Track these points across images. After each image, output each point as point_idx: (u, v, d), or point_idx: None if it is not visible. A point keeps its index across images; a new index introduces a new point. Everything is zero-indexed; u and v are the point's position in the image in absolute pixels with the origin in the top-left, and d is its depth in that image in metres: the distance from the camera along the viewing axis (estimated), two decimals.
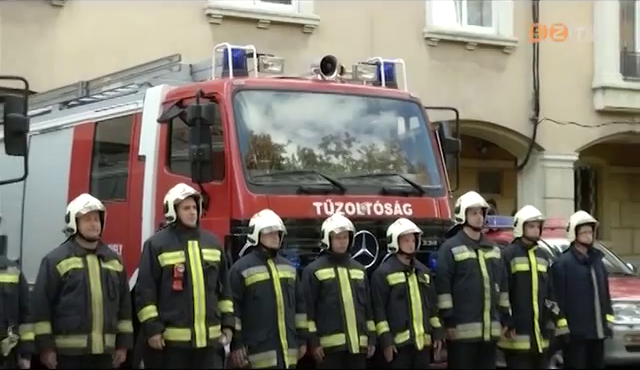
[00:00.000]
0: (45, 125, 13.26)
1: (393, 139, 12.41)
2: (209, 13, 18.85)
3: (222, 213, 10.65)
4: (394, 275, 10.58)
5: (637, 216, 25.87)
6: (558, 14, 22.16)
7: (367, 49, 15.18)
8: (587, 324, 11.60)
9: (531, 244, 11.52)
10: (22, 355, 8.46)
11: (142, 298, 9.32)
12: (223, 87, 11.11)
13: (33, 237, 11.83)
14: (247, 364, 9.77)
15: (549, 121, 22.26)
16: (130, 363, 10.13)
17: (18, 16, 17.37)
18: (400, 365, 10.59)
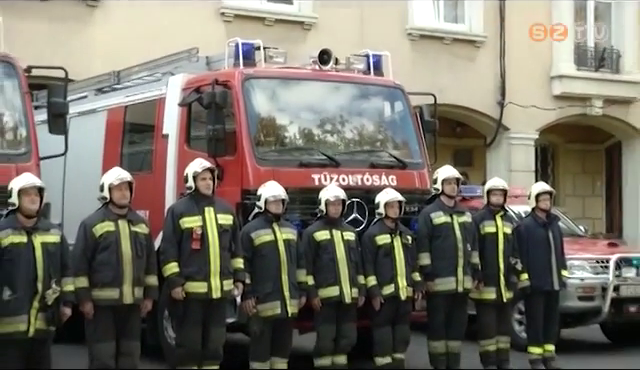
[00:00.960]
0: (82, 108, 13.24)
1: (380, 120, 12.38)
2: (223, 12, 18.80)
3: (234, 184, 10.67)
4: (381, 237, 10.57)
5: (588, 186, 25.89)
6: (522, 13, 22.15)
7: (358, 43, 15.11)
8: (545, 278, 11.59)
9: (498, 210, 11.50)
10: (64, 304, 8.41)
11: (166, 256, 9.37)
12: (235, 76, 11.10)
13: (72, 204, 11.82)
14: (255, 312, 9.78)
15: (513, 105, 22.23)
16: (155, 312, 10.12)
17: (59, 15, 17.34)
18: (386, 313, 10.60)
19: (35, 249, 8.22)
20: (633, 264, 13.65)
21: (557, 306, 11.93)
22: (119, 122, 13.01)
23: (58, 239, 8.47)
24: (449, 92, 18.36)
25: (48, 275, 8.23)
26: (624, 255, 13.87)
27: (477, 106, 22.09)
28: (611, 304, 13.16)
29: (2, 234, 8.16)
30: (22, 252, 8.17)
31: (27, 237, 8.22)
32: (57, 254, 8.38)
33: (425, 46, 21.19)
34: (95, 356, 8.85)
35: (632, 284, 13.46)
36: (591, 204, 25.71)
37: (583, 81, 23.40)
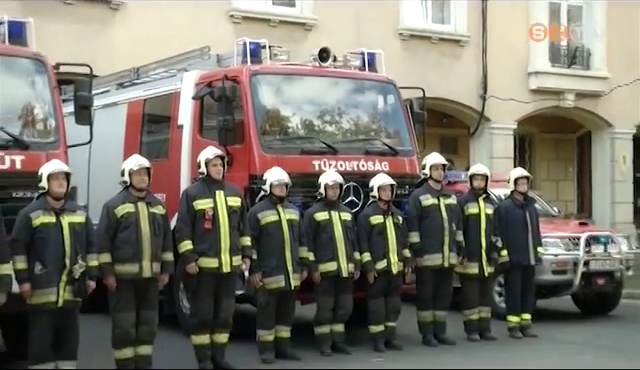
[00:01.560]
0: (105, 101, 13.22)
1: (374, 112, 12.35)
2: (232, 14, 18.77)
3: (242, 169, 10.67)
4: (375, 217, 10.57)
5: (561, 172, 25.90)
6: (502, 15, 22.13)
7: (354, 42, 15.09)
8: (522, 254, 11.63)
9: (480, 193, 11.53)
10: (89, 278, 8.44)
11: (181, 235, 9.36)
12: (243, 72, 11.11)
13: (96, 188, 11.81)
14: (262, 285, 9.82)
15: (494, 98, 22.21)
16: (172, 285, 10.12)
17: (84, 17, 17.31)
18: (379, 286, 10.61)
19: (63, 228, 8.26)
20: (601, 241, 13.66)
21: (533, 279, 11.99)
22: (138, 114, 13.04)
23: (84, 219, 8.53)
24: (436, 86, 18.35)
25: (75, 252, 8.29)
26: (593, 233, 13.86)
27: (461, 99, 22.06)
28: (581, 277, 13.18)
29: (34, 215, 8.22)
30: (51, 231, 8.22)
31: (56, 217, 8.26)
32: (83, 233, 8.43)
33: (414, 45, 21.14)
34: (117, 324, 8.86)
35: (600, 259, 13.48)
36: (564, 188, 25.74)
37: (557, 77, 23.39)
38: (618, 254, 13.76)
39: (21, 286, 8.14)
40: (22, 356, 8.65)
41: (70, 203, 8.54)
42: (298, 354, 10.07)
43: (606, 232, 14.71)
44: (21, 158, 9.06)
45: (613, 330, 12.73)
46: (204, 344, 9.49)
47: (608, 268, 13.64)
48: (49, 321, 8.28)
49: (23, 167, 8.98)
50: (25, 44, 9.78)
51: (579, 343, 11.49)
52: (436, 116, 20.11)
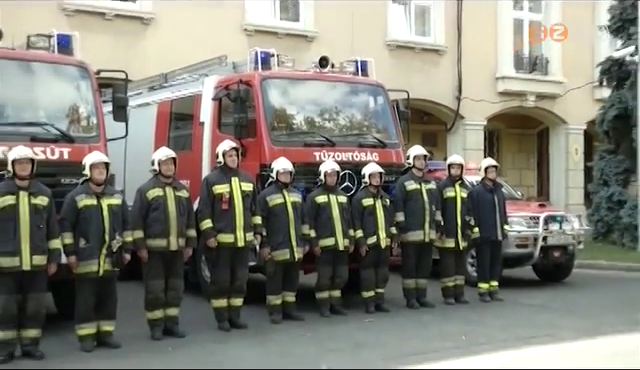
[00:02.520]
0: (138, 102, 13.19)
1: (366, 111, 12.28)
2: (245, 28, 18.76)
3: (254, 159, 10.64)
4: (366, 199, 10.55)
5: (523, 161, 25.90)
6: (473, 28, 22.08)
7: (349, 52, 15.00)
8: (491, 231, 11.63)
9: (456, 179, 11.50)
10: (125, 251, 8.47)
11: (202, 215, 9.39)
12: (255, 77, 11.08)
13: (131, 175, 11.80)
14: (270, 257, 9.83)
15: (467, 99, 22.21)
16: (195, 257, 10.13)
17: (121, 30, 17.32)
18: (370, 258, 10.61)
19: (103, 209, 8.31)
20: (557, 220, 13.67)
21: (500, 252, 11.98)
22: (166, 113, 13.03)
23: (120, 201, 8.58)
24: (418, 89, 18.29)
25: (113, 229, 8.36)
26: (550, 213, 13.85)
27: (440, 100, 22.02)
28: (540, 250, 13.21)
29: (78, 198, 8.29)
30: (93, 212, 8.27)
31: (97, 200, 8.31)
32: (119, 213, 8.49)
33: (400, 54, 21.09)
34: (149, 290, 8.90)
35: (556, 235, 13.47)
36: (526, 175, 25.73)
37: (520, 81, 23.37)
38: (571, 231, 13.75)
39: (68, 258, 8.25)
40: (70, 317, 8.65)
41: (109, 188, 8.58)
42: (302, 315, 10.07)
43: (561, 212, 14.70)
44: (68, 150, 9.07)
45: (566, 294, 12.74)
46: (222, 307, 9.51)
47: (563, 242, 13.64)
48: (92, 288, 8.37)
49: (70, 158, 8.99)
50: (71, 53, 9.77)
51: (538, 305, 11.49)
52: (418, 114, 20.06)
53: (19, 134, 8.82)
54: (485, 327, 9.70)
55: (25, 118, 9.18)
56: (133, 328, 8.95)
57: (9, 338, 7.88)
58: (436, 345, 8.56)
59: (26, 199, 7.89)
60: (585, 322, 10.05)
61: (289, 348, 8.47)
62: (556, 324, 9.90)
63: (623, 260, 16.75)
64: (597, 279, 14.69)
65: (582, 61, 23.70)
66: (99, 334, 8.46)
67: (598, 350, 8.42)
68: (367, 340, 8.83)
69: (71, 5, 16.78)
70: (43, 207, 7.99)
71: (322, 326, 9.74)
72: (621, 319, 10.21)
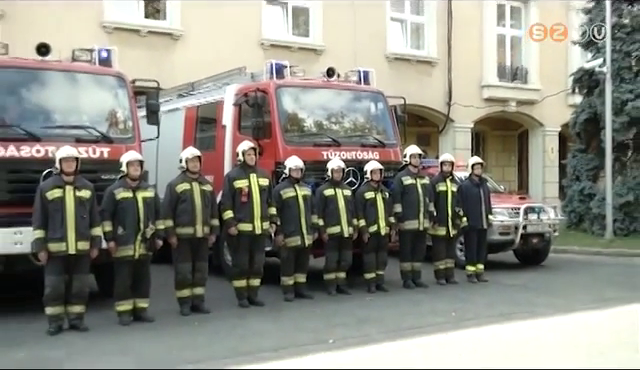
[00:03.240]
0: (168, 108, 13.16)
1: (368, 115, 12.23)
2: (262, 43, 18.74)
3: (270, 157, 10.64)
4: (368, 193, 10.53)
5: (506, 159, 25.84)
6: (462, 42, 22.04)
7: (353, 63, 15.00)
8: (477, 220, 11.60)
9: (447, 175, 11.47)
10: (157, 238, 8.53)
11: (224, 206, 9.42)
12: (270, 85, 11.07)
13: (162, 171, 11.78)
14: (284, 243, 9.84)
15: (457, 105, 22.18)
16: (218, 243, 10.13)
17: (153, 45, 17.35)
18: (371, 244, 10.60)
19: (138, 201, 8.35)
20: (535, 211, 13.63)
21: (485, 239, 11.95)
22: (193, 117, 13.01)
23: (153, 194, 8.62)
24: (414, 96, 18.22)
25: (146, 218, 8.39)
26: (529, 205, 13.81)
27: (433, 105, 21.96)
28: (520, 237, 13.20)
29: (116, 191, 8.34)
30: (129, 203, 8.31)
31: (132, 193, 8.35)
32: (152, 205, 8.53)
33: (398, 65, 21.03)
34: (179, 272, 8.94)
35: (534, 224, 13.46)
36: (508, 171, 25.68)
37: (503, 89, 23.30)
38: (548, 220, 13.73)
39: (108, 244, 8.29)
40: (110, 295, 8.69)
41: (143, 183, 8.61)
42: (311, 294, 10.07)
43: (539, 204, 14.65)
44: (107, 149, 9.09)
45: (543, 276, 12.71)
46: (242, 287, 9.52)
47: (540, 230, 13.64)
48: (128, 269, 8.40)
49: (109, 156, 9.00)
50: (110, 65, 9.79)
51: (518, 285, 11.47)
52: (414, 118, 20.06)
53: (65, 136, 8.85)
54: (472, 304, 9.70)
55: (71, 122, 9.19)
56: (165, 305, 8.97)
57: (58, 313, 7.94)
58: (429, 320, 8.56)
59: (71, 192, 7.93)
60: (560, 300, 10.04)
61: (301, 323, 8.48)
62: (534, 302, 9.89)
63: (593, 246, 16.71)
64: (570, 262, 14.66)
65: (557, 71, 23.68)
66: (135, 310, 8.50)
67: (571, 324, 8.41)
68: (369, 316, 8.84)
69: (110, 23, 16.79)
70: (86, 199, 8.03)
71: (329, 304, 9.75)
72: (591, 297, 10.21)
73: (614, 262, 14.87)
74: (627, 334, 7.68)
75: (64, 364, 6.66)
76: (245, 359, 6.71)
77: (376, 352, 7.01)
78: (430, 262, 11.48)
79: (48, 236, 7.82)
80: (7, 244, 8.33)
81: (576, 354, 6.86)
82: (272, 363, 6.60)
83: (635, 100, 18.00)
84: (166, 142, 11.65)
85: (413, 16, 22.08)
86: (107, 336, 7.78)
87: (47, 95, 9.28)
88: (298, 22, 20.07)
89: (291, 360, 6.69)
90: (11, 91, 9.07)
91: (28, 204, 8.00)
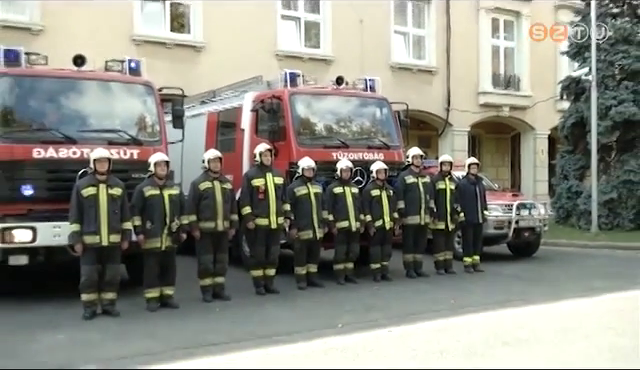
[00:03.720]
0: (192, 113, 13.17)
1: (373, 119, 12.17)
2: (277, 54, 18.75)
3: (284, 158, 10.62)
4: (374, 190, 10.51)
5: (499, 160, 25.74)
6: (459, 53, 22.02)
7: (360, 72, 15.01)
8: (473, 215, 11.57)
9: (446, 174, 11.43)
10: (182, 231, 8.57)
11: (243, 202, 9.44)
12: (284, 93, 11.07)
13: (187, 171, 11.76)
14: (297, 236, 9.83)
15: (455, 110, 22.15)
16: (237, 236, 10.09)
17: (178, 56, 17.41)
18: (377, 237, 10.58)
19: (164, 198, 8.38)
20: (526, 207, 13.58)
21: (481, 233, 11.92)
22: (215, 121, 13.00)
23: (178, 192, 8.65)
24: (415, 102, 18.18)
25: (172, 213, 8.43)
26: (521, 201, 13.75)
27: (433, 110, 21.91)
28: (513, 231, 13.16)
29: (145, 189, 8.38)
30: (157, 200, 8.34)
31: (159, 191, 8.38)
32: (177, 201, 8.56)
33: (401, 73, 20.99)
34: (201, 262, 8.95)
35: (526, 219, 13.40)
36: (502, 171, 25.57)
37: (497, 95, 23.21)
38: (538, 215, 13.68)
39: (138, 236, 8.32)
40: (139, 283, 8.71)
41: (169, 181, 8.64)
42: (322, 283, 10.06)
43: (530, 201, 14.56)
44: (137, 151, 9.11)
45: (534, 266, 12.66)
46: (259, 276, 9.53)
47: (531, 225, 13.57)
48: (156, 260, 8.43)
49: (138, 157, 9.03)
50: (139, 75, 9.81)
51: (511, 275, 11.42)
52: (415, 122, 19.99)
53: (99, 139, 8.89)
54: (469, 293, 9.67)
55: (104, 126, 9.23)
56: (189, 293, 8.97)
57: (92, 299, 7.98)
58: (430, 307, 8.53)
59: (104, 190, 7.96)
60: (550, 289, 10.00)
61: (312, 309, 8.49)
62: (527, 290, 9.85)
63: (580, 239, 16.63)
64: (559, 254, 14.59)
65: (546, 79, 23.57)
66: (162, 297, 8.52)
67: (560, 311, 8.37)
68: (375, 303, 8.82)
69: (139, 37, 16.85)
70: (118, 196, 8.05)
71: (339, 292, 9.75)
72: (579, 287, 10.14)
73: (599, 254, 14.79)
74: (612, 320, 7.67)
75: (98, 346, 6.69)
76: (262, 342, 6.71)
77: (381, 336, 6.99)
78: (430, 254, 11.44)
79: (83, 229, 7.86)
80: (47, 237, 8.39)
81: (564, 338, 6.83)
82: (287, 346, 6.59)
83: (618, 106, 18.01)
84: (190, 144, 11.67)
85: (415, 29, 22.01)
86: (137, 321, 7.81)
87: (82, 102, 9.32)
88: (310, 35, 20.05)
89: (304, 343, 6.68)
90: (50, 98, 9.14)
91: (65, 201, 8.05)
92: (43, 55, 9.39)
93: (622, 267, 12.67)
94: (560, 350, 6.35)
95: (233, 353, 6.33)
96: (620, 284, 10.25)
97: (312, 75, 12.26)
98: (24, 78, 9.04)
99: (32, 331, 7.25)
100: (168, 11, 17.74)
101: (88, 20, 15.92)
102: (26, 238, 8.35)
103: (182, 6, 18.02)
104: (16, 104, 8.97)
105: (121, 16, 16.62)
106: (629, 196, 18.05)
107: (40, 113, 9.06)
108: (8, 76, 8.90)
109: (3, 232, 8.30)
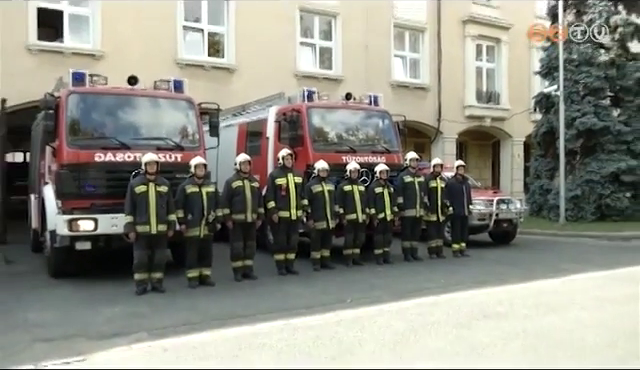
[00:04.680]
0: (226, 124, 13.09)
1: (377, 129, 12.08)
2: (296, 74, 18.61)
3: (302, 161, 10.56)
4: (377, 188, 10.45)
5: (482, 163, 25.44)
6: (448, 73, 21.84)
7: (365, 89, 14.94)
8: (460, 209, 11.50)
9: (438, 174, 11.36)
10: (217, 222, 8.58)
11: (267, 198, 9.40)
12: (302, 107, 11.06)
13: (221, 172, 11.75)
14: (313, 226, 9.80)
15: (444, 120, 21.93)
16: (263, 226, 10.04)
17: (214, 77, 17.35)
18: (380, 228, 10.53)
19: (202, 194, 8.38)
20: (505, 202, 13.48)
21: (467, 223, 11.84)
22: (244, 130, 12.96)
23: (214, 189, 8.64)
24: (412, 114, 17.97)
25: (209, 207, 8.41)
26: (500, 197, 13.66)
27: (426, 121, 21.70)
28: (494, 223, 13.08)
29: (187, 187, 8.39)
30: (196, 196, 8.34)
31: (199, 188, 8.38)
32: (213, 197, 8.54)
33: (400, 90, 20.79)
34: (233, 247, 8.96)
35: (504, 212, 13.28)
36: (484, 172, 25.27)
37: (480, 108, 22.93)
38: (515, 209, 13.56)
39: (181, 226, 8.33)
40: (181, 265, 8.74)
41: (207, 180, 8.62)
42: (334, 265, 10.04)
43: (508, 197, 14.44)
44: (180, 155, 9.12)
45: (512, 253, 12.54)
46: (281, 260, 9.53)
47: (509, 217, 13.44)
48: (196, 246, 8.42)
49: (181, 160, 9.02)
50: (182, 92, 9.84)
51: (493, 259, 11.33)
52: (412, 131, 19.80)
53: (149, 145, 8.92)
54: (457, 274, 9.59)
55: (153, 134, 9.25)
56: (223, 273, 8.97)
57: (143, 278, 8.02)
58: (424, 285, 8.49)
59: (153, 188, 7.99)
60: (524, 271, 9.91)
61: (326, 287, 8.46)
62: (505, 272, 9.77)
63: (550, 229, 16.48)
64: (532, 242, 14.45)
65: (522, 95, 23.35)
66: (201, 276, 8.53)
67: (533, 289, 8.29)
68: (378, 282, 8.78)
69: (182, 61, 16.85)
70: (164, 193, 8.08)
71: (347, 273, 9.71)
72: (548, 269, 10.05)
73: (566, 241, 14.65)
74: (577, 296, 7.59)
75: (148, 317, 6.71)
76: (284, 314, 6.70)
77: (383, 309, 6.96)
78: (424, 241, 11.38)
79: (136, 220, 7.90)
80: (107, 226, 8.45)
81: (536, 312, 6.76)
82: (305, 318, 6.57)
83: (582, 117, 18.13)
84: (224, 150, 11.69)
85: (411, 53, 21.84)
86: (180, 296, 7.83)
87: (135, 114, 9.36)
88: (323, 58, 19.97)
89: (319, 315, 6.66)
90: (109, 112, 9.19)
91: (121, 196, 8.10)
92: (103, 76, 9.43)
93: (585, 252, 12.55)
94: (532, 322, 6.29)
95: (259, 323, 6.32)
96: (583, 266, 10.16)
97: (325, 92, 12.18)
98: (88, 95, 9.11)
99: (94, 305, 7.30)
100: (206, 39, 17.71)
101: (140, 47, 15.97)
102: (89, 227, 8.42)
103: (218, 35, 18.00)
104: (81, 117, 9.03)
105: (167, 43, 16.65)
106: (591, 193, 18.04)
107: (101, 124, 9.12)
108: (75, 94, 9.00)
109: (71, 222, 8.38)
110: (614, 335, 5.75)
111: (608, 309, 6.88)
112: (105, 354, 5.35)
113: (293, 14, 18.84)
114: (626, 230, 15.56)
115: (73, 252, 8.67)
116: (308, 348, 5.41)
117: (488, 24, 22.97)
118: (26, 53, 14.84)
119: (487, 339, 5.62)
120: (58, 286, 8.56)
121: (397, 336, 5.76)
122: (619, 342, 5.52)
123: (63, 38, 15.61)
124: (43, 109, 8.87)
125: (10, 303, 7.49)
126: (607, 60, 18.95)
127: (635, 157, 18.10)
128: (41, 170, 10.35)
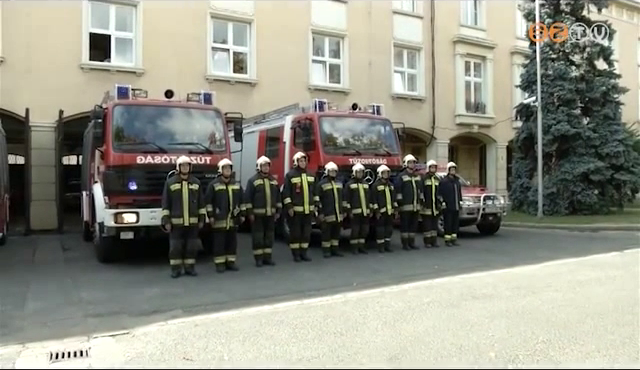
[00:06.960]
0: (248, 131, 13.10)
1: (379, 135, 12.01)
2: (309, 87, 18.60)
3: (314, 163, 10.56)
4: (380, 186, 10.42)
5: (471, 164, 25.28)
6: (442, 86, 21.71)
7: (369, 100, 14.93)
8: (452, 204, 11.44)
9: (432, 174, 11.30)
10: (241, 215, 8.55)
11: (284, 195, 9.38)
12: (314, 116, 11.07)
13: (245, 172, 11.82)
14: (324, 220, 9.77)
15: (438, 127, 21.82)
16: (281, 219, 10.04)
17: (238, 90, 17.35)
18: (382, 221, 10.51)
19: (228, 192, 8.37)
20: (491, 198, 13.41)
21: (457, 217, 11.76)
22: (264, 136, 12.94)
23: (238, 187, 8.62)
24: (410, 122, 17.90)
25: (234, 203, 8.40)
26: (487, 194, 13.55)
27: (422, 128, 21.58)
28: (481, 216, 13.02)
29: (215, 185, 8.41)
30: (223, 193, 8.34)
31: (225, 186, 8.37)
32: (238, 194, 8.53)
33: (399, 102, 20.73)
34: (255, 237, 8.93)
35: (490, 207, 13.23)
36: (472, 172, 25.10)
37: (469, 117, 22.78)
38: (499, 205, 13.49)
39: (210, 219, 8.33)
40: (210, 253, 8.75)
41: (232, 179, 8.61)
42: (342, 253, 10.01)
43: (493, 194, 14.29)
44: (209, 158, 9.13)
45: (497, 242, 12.40)
46: (295, 248, 9.51)
47: (494, 211, 13.37)
48: (222, 236, 8.43)
49: (210, 162, 9.04)
50: (211, 103, 9.86)
51: (480, 248, 11.23)
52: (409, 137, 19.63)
53: (182, 149, 8.96)
54: (449, 261, 9.51)
55: (186, 140, 9.28)
56: (246, 260, 9.00)
57: (177, 264, 8.05)
58: (421, 271, 8.43)
59: (186, 186, 8.01)
60: (507, 258, 9.81)
61: (335, 272, 8.43)
62: (490, 259, 9.68)
63: (529, 222, 16.35)
64: (514, 233, 14.34)
65: (505, 105, 23.21)
66: (227, 263, 8.53)
67: (514, 274, 8.21)
68: (380, 268, 8.74)
69: (211, 76, 16.89)
70: (195, 190, 8.10)
71: (353, 260, 9.66)
72: (528, 256, 9.94)
73: (543, 233, 14.49)
74: (552, 280, 7.51)
75: (182, 297, 6.74)
76: (298, 295, 6.69)
77: (385, 291, 6.93)
78: (421, 232, 11.31)
79: (171, 214, 7.93)
80: (147, 219, 8.51)
81: (517, 294, 6.70)
82: (316, 298, 6.56)
83: (557, 125, 18.20)
84: (247, 153, 11.71)
85: (409, 69, 21.72)
86: (209, 279, 7.84)
87: (171, 123, 9.38)
88: (333, 74, 19.91)
89: (329, 296, 6.64)
90: (149, 121, 9.24)
91: (159, 193, 8.14)
92: (144, 90, 9.51)
93: (559, 242, 12.41)
94: (514, 302, 6.23)
95: (277, 303, 6.32)
96: (558, 254, 10.04)
97: (334, 103, 12.17)
98: (131, 107, 9.17)
99: (136, 286, 7.34)
100: (232, 58, 17.73)
101: (175, 65, 16.07)
102: (132, 220, 8.48)
103: (242, 54, 18.00)
104: (125, 125, 9.08)
105: (198, 62, 16.70)
106: (564, 190, 18.11)
107: (141, 131, 9.15)
108: (120, 105, 9.07)
109: (116, 216, 8.44)
110: (583, 313, 5.71)
111: (578, 291, 6.81)
112: (145, 328, 5.37)
113: (306, 36, 18.84)
114: (595, 223, 15.49)
115: (118, 241, 8.74)
116: (319, 324, 5.41)
117: (475, 44, 22.85)
118: (79, 71, 15.02)
119: (475, 317, 5.59)
120: (106, 270, 8.63)
121: (397, 314, 5.74)
122: (587, 319, 5.48)
123: (110, 58, 15.75)
124: (93, 119, 8.96)
125: (67, 284, 7.55)
126: (578, 75, 19.10)
127: (602, 159, 18.19)
128: (91, 171, 10.46)
